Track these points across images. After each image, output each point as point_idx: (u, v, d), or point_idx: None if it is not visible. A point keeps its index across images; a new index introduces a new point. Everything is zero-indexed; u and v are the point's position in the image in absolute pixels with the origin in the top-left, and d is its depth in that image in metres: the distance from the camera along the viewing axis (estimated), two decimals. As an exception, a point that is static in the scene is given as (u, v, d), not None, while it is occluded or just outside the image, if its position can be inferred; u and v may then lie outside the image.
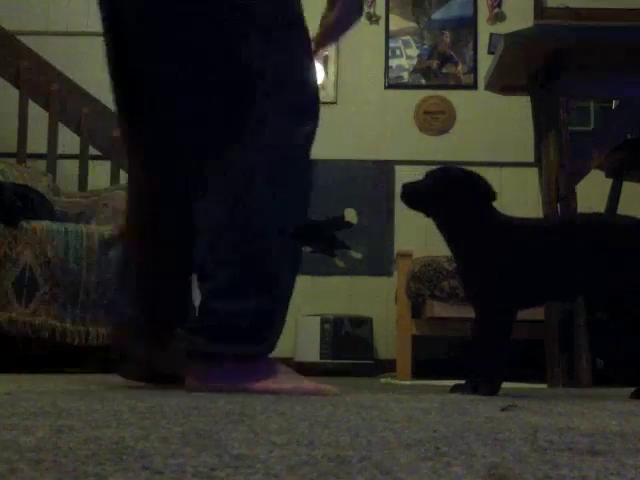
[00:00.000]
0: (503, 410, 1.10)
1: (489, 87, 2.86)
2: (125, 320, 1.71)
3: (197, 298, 1.61)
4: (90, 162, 4.02)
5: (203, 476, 0.50)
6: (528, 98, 2.79)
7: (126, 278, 1.74)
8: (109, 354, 1.83)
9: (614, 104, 3.10)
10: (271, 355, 1.57)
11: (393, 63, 5.06)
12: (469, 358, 1.76)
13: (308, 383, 1.54)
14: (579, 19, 3.38)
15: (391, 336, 4.41)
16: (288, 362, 4.65)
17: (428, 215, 1.82)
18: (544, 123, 2.61)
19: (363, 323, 4.58)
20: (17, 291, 2.83)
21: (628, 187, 2.97)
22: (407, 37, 5.09)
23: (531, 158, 2.82)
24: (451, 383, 1.82)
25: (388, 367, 4.33)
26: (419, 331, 3.86)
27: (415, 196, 1.79)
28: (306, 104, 1.58)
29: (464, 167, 1.80)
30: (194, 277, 1.66)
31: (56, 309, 2.89)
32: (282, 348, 1.68)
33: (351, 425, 0.81)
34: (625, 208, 3.00)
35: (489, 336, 1.74)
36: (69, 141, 4.08)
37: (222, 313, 1.50)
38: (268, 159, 1.52)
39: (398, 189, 1.83)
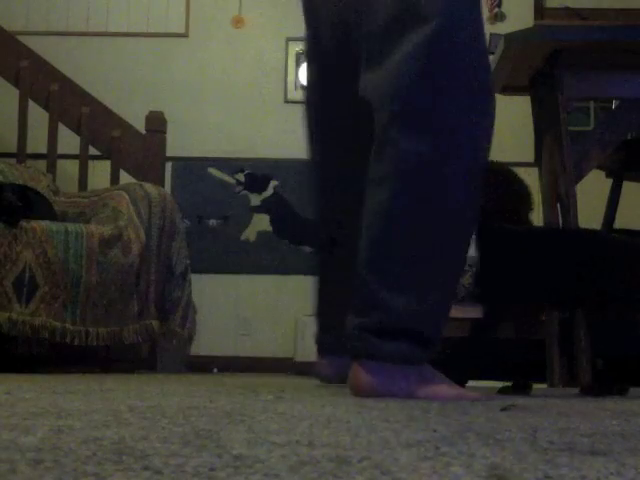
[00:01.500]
0: (503, 410, 1.10)
1: (489, 87, 2.86)
2: None
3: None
4: (90, 162, 4.02)
5: (203, 476, 0.50)
6: (528, 98, 2.79)
7: None
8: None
9: (614, 104, 3.10)
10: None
11: (393, 63, 5.06)
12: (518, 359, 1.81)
13: (467, 392, 1.49)
14: (579, 19, 3.38)
15: (391, 336, 4.40)
16: (288, 362, 4.65)
17: None
18: (544, 123, 2.61)
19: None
20: (17, 291, 2.83)
21: (628, 187, 2.97)
22: (407, 37, 5.08)
23: (531, 158, 2.82)
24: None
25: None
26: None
27: None
28: None
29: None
30: None
31: (56, 309, 2.89)
32: (282, 348, 1.68)
33: (351, 425, 0.81)
34: (625, 208, 3.00)
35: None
36: (69, 141, 4.09)
37: (397, 310, 1.42)
38: None
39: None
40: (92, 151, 3.96)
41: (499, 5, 5.10)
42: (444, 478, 0.51)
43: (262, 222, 4.94)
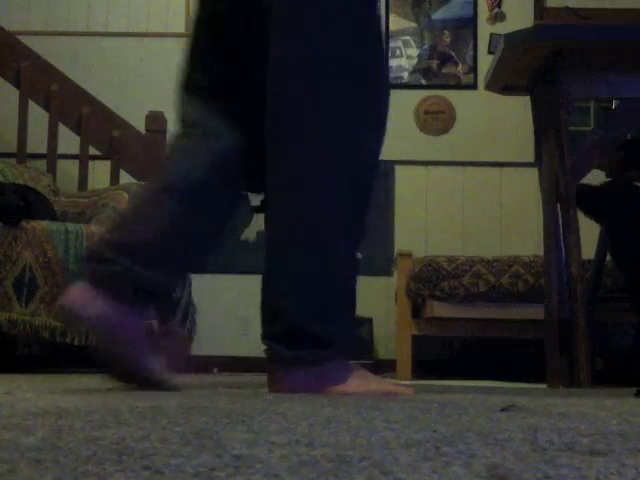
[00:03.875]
0: (503, 410, 1.10)
1: (489, 87, 2.86)
2: None
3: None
4: (90, 162, 4.02)
5: (203, 476, 0.50)
6: (528, 98, 2.79)
7: None
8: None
9: (614, 104, 3.10)
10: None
11: (393, 63, 5.06)
12: None
13: (383, 385, 1.56)
14: (579, 19, 3.38)
15: (391, 336, 4.41)
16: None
17: None
18: (544, 123, 2.61)
19: (363, 323, 4.58)
20: (17, 291, 2.83)
21: (628, 187, 2.97)
22: (407, 37, 5.09)
23: (531, 158, 2.83)
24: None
25: (388, 367, 4.33)
26: (419, 331, 3.86)
27: None
28: None
29: None
30: None
31: (56, 309, 2.89)
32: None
33: (351, 425, 0.81)
34: (625, 208, 3.00)
35: None
36: (69, 141, 4.09)
37: (295, 318, 1.51)
38: None
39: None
40: (92, 151, 3.96)
41: (499, 5, 5.10)
42: (444, 478, 0.51)
43: (262, 222, 4.93)
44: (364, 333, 4.57)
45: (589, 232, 2.68)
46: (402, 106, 5.00)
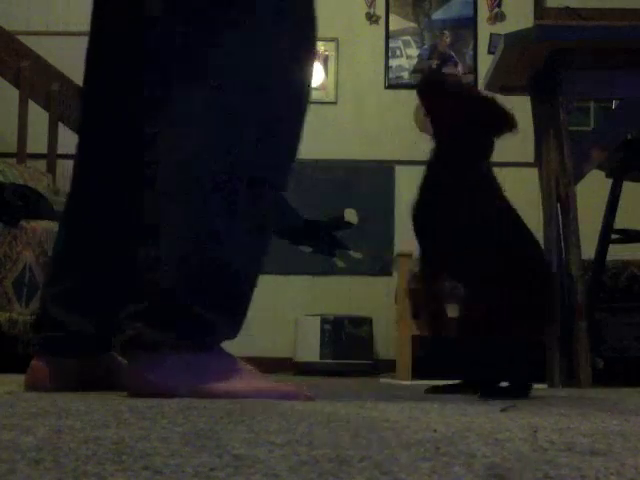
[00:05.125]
0: (503, 410, 1.10)
1: (489, 87, 2.86)
2: None
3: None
4: (90, 162, 4.02)
5: (203, 476, 0.50)
6: (528, 98, 2.79)
7: None
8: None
9: (614, 104, 3.10)
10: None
11: (393, 63, 5.07)
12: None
13: (274, 385, 1.25)
14: (579, 19, 3.38)
15: (391, 336, 4.41)
16: (288, 362, 4.65)
17: None
18: (544, 123, 2.61)
19: (363, 323, 4.59)
20: (17, 291, 2.83)
21: (628, 187, 2.97)
22: (407, 37, 5.09)
23: (531, 158, 2.83)
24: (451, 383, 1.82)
25: (388, 367, 4.33)
26: (419, 331, 3.86)
27: None
28: None
29: None
30: None
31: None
32: (282, 348, 1.69)
33: (351, 425, 0.81)
34: (625, 208, 3.00)
35: None
36: (69, 141, 4.08)
37: (167, 290, 1.18)
38: None
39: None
40: (92, 151, 3.96)
41: (499, 5, 5.10)
42: (444, 478, 0.51)
43: (262, 222, 4.93)
44: (364, 333, 4.57)
45: (589, 232, 2.68)
46: (402, 106, 5.00)
